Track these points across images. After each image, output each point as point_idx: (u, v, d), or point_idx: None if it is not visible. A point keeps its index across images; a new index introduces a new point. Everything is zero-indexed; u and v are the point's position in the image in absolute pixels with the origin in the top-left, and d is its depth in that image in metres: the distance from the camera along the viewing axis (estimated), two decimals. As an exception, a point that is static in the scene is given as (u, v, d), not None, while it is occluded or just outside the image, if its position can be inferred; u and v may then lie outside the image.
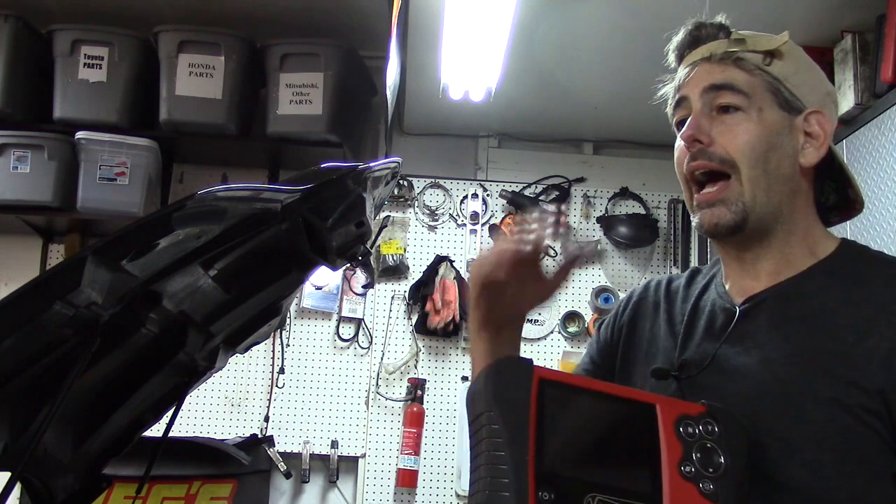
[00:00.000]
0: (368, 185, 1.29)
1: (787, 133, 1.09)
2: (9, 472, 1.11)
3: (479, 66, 2.83)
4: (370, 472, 3.31)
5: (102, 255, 1.03)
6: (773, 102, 1.09)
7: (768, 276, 1.10)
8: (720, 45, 1.11)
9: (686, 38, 1.15)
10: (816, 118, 1.10)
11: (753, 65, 1.09)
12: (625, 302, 1.28)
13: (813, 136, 1.10)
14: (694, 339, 1.12)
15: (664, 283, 1.25)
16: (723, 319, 1.10)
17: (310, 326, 3.40)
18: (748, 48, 1.10)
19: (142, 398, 1.39)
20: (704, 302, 1.16)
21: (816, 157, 1.10)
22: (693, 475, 0.89)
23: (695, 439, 0.91)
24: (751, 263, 1.12)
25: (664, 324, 1.19)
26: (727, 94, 1.08)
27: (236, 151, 3.31)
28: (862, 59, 2.51)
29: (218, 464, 3.08)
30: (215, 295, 1.27)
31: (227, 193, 1.12)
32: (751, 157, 1.06)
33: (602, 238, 3.52)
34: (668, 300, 1.21)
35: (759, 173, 1.06)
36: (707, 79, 1.10)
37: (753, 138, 1.07)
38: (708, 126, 1.08)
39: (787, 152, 1.09)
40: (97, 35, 2.99)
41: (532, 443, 0.85)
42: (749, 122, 1.07)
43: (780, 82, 1.09)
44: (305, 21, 3.06)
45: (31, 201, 2.98)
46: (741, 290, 1.12)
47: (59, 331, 1.05)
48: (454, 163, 3.61)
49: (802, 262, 1.10)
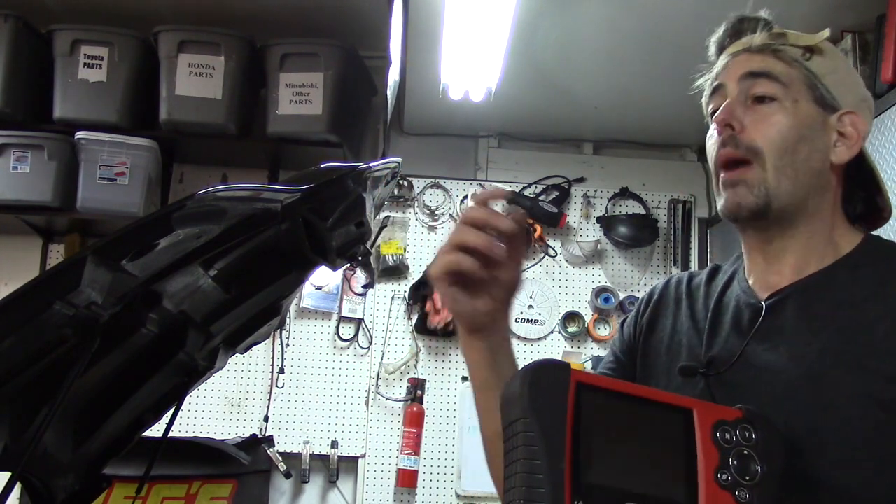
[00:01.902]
0: (368, 185, 1.29)
1: (820, 129, 1.09)
2: (9, 472, 1.11)
3: (479, 66, 2.83)
4: (370, 472, 3.31)
5: (102, 255, 1.03)
6: (809, 97, 1.08)
7: (792, 271, 1.09)
8: (762, 38, 1.11)
9: (728, 31, 1.15)
10: (851, 119, 1.10)
11: (792, 57, 1.09)
12: (646, 299, 1.27)
13: (846, 136, 1.10)
14: (720, 335, 1.11)
15: (685, 279, 1.24)
16: (749, 315, 1.09)
17: (310, 326, 3.40)
18: (789, 42, 1.10)
19: (142, 398, 1.39)
20: (728, 298, 1.15)
21: (848, 156, 1.10)
22: (730, 483, 0.88)
23: (732, 446, 0.90)
24: (775, 256, 1.11)
25: (687, 320, 1.17)
26: (764, 82, 1.08)
27: (236, 151, 3.30)
28: (862, 59, 2.51)
29: (218, 464, 3.08)
30: (215, 295, 1.27)
31: (227, 193, 1.12)
32: (780, 146, 1.06)
33: (602, 238, 3.52)
34: (689, 296, 1.20)
35: (786, 163, 1.06)
36: (745, 66, 1.10)
37: (785, 128, 1.06)
38: (741, 113, 1.08)
39: (818, 146, 1.08)
40: (97, 35, 2.99)
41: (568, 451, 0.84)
42: (783, 112, 1.07)
43: (818, 78, 1.09)
44: (305, 21, 3.06)
45: (31, 201, 2.98)
46: (765, 284, 1.11)
47: (59, 331, 1.05)
48: (454, 163, 3.61)
49: (827, 258, 1.09)
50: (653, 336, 1.21)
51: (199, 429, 3.26)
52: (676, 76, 1.25)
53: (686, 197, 3.58)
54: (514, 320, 3.43)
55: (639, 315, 1.26)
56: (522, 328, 3.43)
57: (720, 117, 1.08)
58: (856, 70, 1.16)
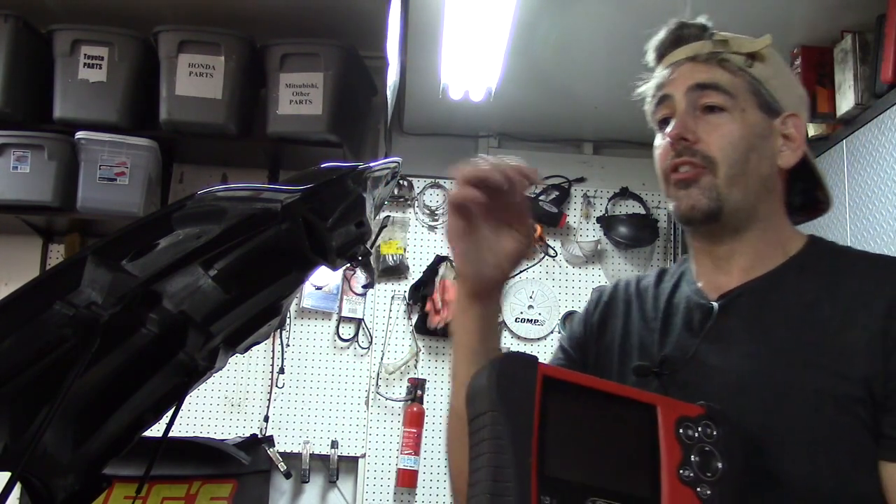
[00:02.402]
0: (368, 185, 1.29)
1: (767, 135, 1.11)
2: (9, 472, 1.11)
3: (479, 66, 2.83)
4: (370, 472, 3.31)
5: (102, 255, 1.03)
6: (754, 104, 1.10)
7: (741, 273, 1.11)
8: (704, 46, 1.12)
9: (668, 37, 1.16)
10: (793, 121, 1.13)
11: (737, 66, 1.10)
12: (595, 300, 1.30)
13: (790, 139, 1.12)
14: (672, 335, 1.13)
15: (633, 281, 1.27)
16: (700, 315, 1.11)
17: (310, 326, 3.40)
18: (731, 49, 1.11)
19: (142, 398, 1.39)
20: (678, 299, 1.16)
21: (794, 159, 1.13)
22: (691, 480, 0.89)
23: (694, 442, 0.91)
24: (724, 259, 1.13)
25: (639, 321, 1.19)
26: (712, 93, 1.09)
27: (236, 151, 3.31)
28: (862, 59, 2.51)
29: (218, 464, 3.08)
30: (215, 295, 1.27)
31: (227, 193, 1.12)
32: (732, 156, 1.08)
33: (602, 238, 3.52)
34: (639, 298, 1.22)
35: (737, 172, 1.08)
36: (692, 78, 1.11)
37: (736, 139, 1.08)
38: (693, 125, 1.09)
39: (766, 153, 1.11)
40: (97, 35, 2.99)
41: (535, 446, 0.84)
42: (733, 122, 1.09)
43: (761, 84, 1.11)
44: (305, 21, 3.06)
45: (31, 201, 2.98)
46: (714, 286, 1.13)
47: (59, 331, 1.05)
48: (454, 163, 3.59)
49: (775, 260, 1.11)
50: (604, 337, 1.23)
51: (199, 429, 3.26)
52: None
53: (686, 197, 3.57)
54: (514, 320, 3.43)
55: (588, 315, 1.28)
56: (522, 328, 3.43)
57: (674, 132, 1.10)
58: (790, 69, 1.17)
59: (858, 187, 2.47)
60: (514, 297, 3.45)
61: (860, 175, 2.47)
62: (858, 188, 2.47)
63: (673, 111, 1.12)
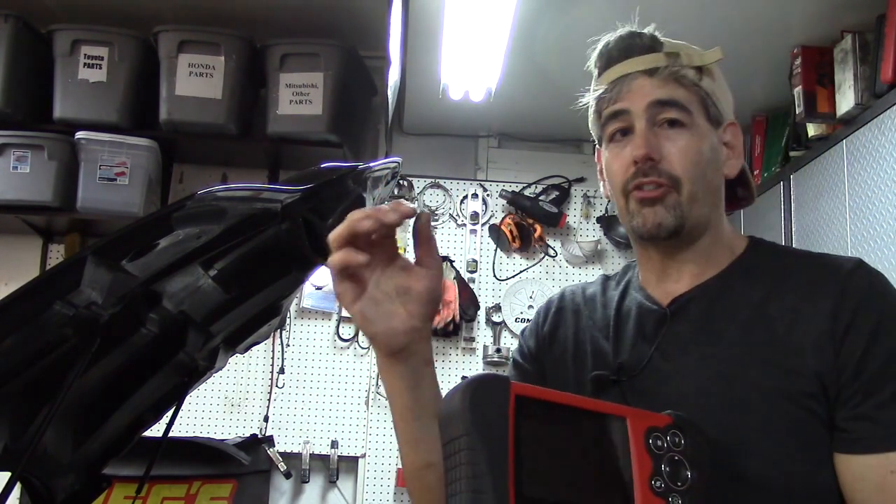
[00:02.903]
0: (368, 185, 1.29)
1: (717, 147, 1.12)
2: (9, 472, 1.11)
3: (479, 66, 2.83)
4: (370, 472, 3.31)
5: (102, 255, 1.03)
6: (704, 117, 1.11)
7: (691, 278, 1.12)
8: (659, 59, 1.11)
9: (618, 47, 1.15)
10: (732, 130, 1.14)
11: (691, 81, 1.11)
12: (544, 311, 1.29)
13: (731, 147, 1.14)
14: (625, 343, 1.13)
15: (579, 290, 1.27)
16: (652, 321, 1.12)
17: (310, 326, 3.40)
18: (684, 63, 1.11)
19: (142, 398, 1.39)
20: (628, 306, 1.17)
21: (738, 167, 1.15)
22: (663, 490, 0.89)
23: (663, 452, 0.91)
24: (675, 268, 1.14)
25: (589, 329, 1.19)
26: (673, 110, 1.09)
27: (236, 151, 3.30)
28: (862, 59, 2.51)
29: (218, 464, 3.08)
30: (215, 295, 1.27)
31: (227, 193, 1.12)
32: (694, 173, 1.08)
33: (602, 238, 3.52)
34: (587, 306, 1.23)
35: (698, 188, 1.09)
36: (652, 94, 1.10)
37: (696, 155, 1.09)
38: (657, 142, 1.09)
39: (716, 165, 1.12)
40: (97, 35, 2.99)
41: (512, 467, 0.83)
42: (692, 138, 1.09)
43: (709, 97, 1.11)
44: (305, 21, 3.06)
45: (31, 201, 2.98)
46: (664, 292, 1.14)
47: (59, 331, 1.05)
48: (454, 163, 3.62)
49: (723, 261, 1.13)
50: (554, 346, 1.22)
51: (199, 429, 3.26)
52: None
53: (686, 197, 3.58)
54: (514, 320, 3.43)
55: (538, 327, 1.28)
56: (522, 328, 3.43)
57: (641, 152, 1.08)
58: None
59: (858, 187, 2.47)
60: (514, 297, 3.45)
61: (860, 175, 2.47)
62: (858, 188, 2.47)
63: (629, 125, 1.11)
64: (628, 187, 1.10)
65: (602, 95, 1.14)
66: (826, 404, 1.00)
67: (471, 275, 3.44)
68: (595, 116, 1.17)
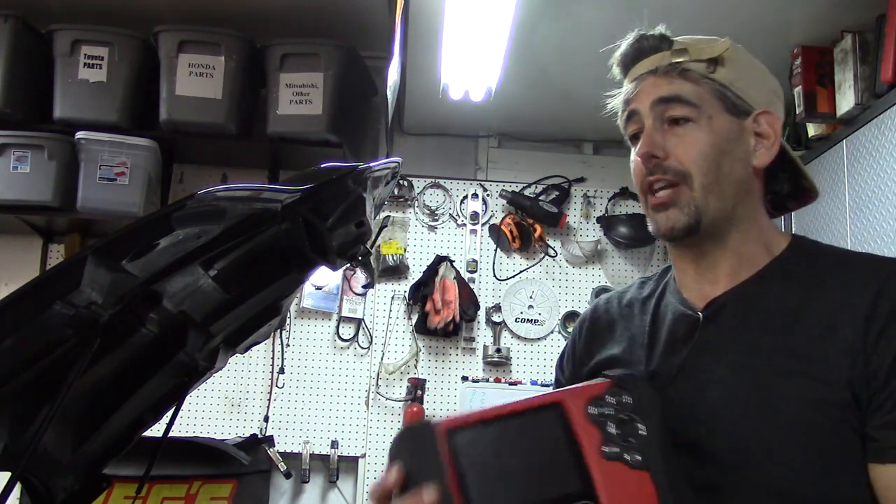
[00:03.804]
0: (368, 185, 1.29)
1: (738, 137, 1.10)
2: (9, 472, 1.11)
3: (479, 66, 2.83)
4: (370, 472, 3.31)
5: (102, 255, 1.03)
6: (721, 109, 1.10)
7: (727, 278, 1.11)
8: (663, 58, 1.11)
9: (629, 51, 1.16)
10: (766, 118, 1.12)
11: (699, 74, 1.10)
12: (577, 331, 1.29)
13: (763, 136, 1.12)
14: (658, 349, 1.12)
15: (615, 300, 1.26)
16: (685, 327, 1.10)
17: (310, 326, 3.40)
18: (692, 58, 1.10)
19: (142, 398, 1.39)
20: (663, 311, 1.16)
21: (769, 158, 1.12)
22: (616, 453, 0.88)
23: (607, 416, 0.90)
24: (708, 268, 1.12)
25: (625, 340, 1.18)
26: (676, 106, 1.09)
27: (236, 151, 3.31)
28: (862, 59, 2.51)
29: (218, 464, 3.08)
30: (215, 295, 1.27)
31: (227, 193, 1.13)
32: (703, 165, 1.07)
33: (602, 238, 3.52)
34: (622, 316, 1.22)
35: (711, 180, 1.08)
36: (655, 92, 1.10)
37: (705, 147, 1.08)
38: (661, 140, 1.09)
39: (738, 156, 1.10)
40: (97, 35, 2.99)
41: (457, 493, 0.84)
42: (700, 131, 1.08)
43: (726, 88, 1.10)
44: (305, 21, 3.06)
45: (31, 201, 2.98)
46: (700, 295, 1.12)
47: (59, 331, 1.05)
48: (454, 163, 3.62)
49: (759, 261, 1.11)
50: (591, 363, 1.22)
51: (199, 429, 3.26)
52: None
53: (686, 197, 3.58)
54: (514, 320, 3.43)
55: (574, 348, 1.27)
56: (522, 328, 3.43)
57: (643, 151, 1.09)
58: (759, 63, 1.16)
59: (858, 187, 2.47)
60: (514, 297, 3.45)
61: (860, 175, 2.47)
62: (858, 188, 2.47)
63: (641, 126, 1.12)
64: (644, 187, 1.11)
65: (621, 99, 1.16)
66: (858, 413, 0.97)
67: (471, 275, 3.44)
68: (620, 122, 1.18)
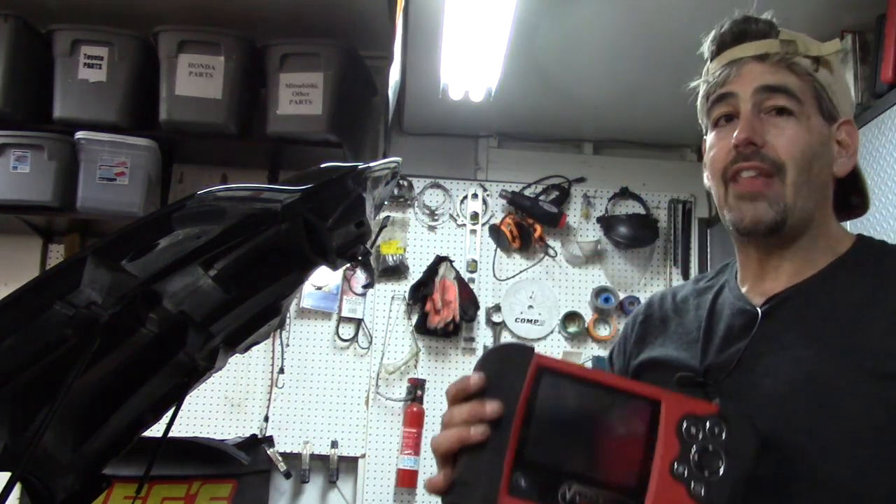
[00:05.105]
0: (368, 185, 1.29)
1: (827, 142, 1.09)
2: (9, 472, 1.11)
3: (479, 66, 2.83)
4: (370, 472, 3.31)
5: (102, 255, 1.03)
6: (817, 110, 1.08)
7: (788, 277, 1.09)
8: (772, 45, 1.08)
9: (732, 31, 1.12)
10: (847, 128, 1.10)
11: (805, 70, 1.08)
12: (630, 324, 1.26)
13: (844, 146, 1.10)
14: (714, 344, 1.10)
15: (669, 296, 1.24)
16: (743, 322, 1.08)
17: (310, 326, 3.40)
18: (799, 51, 1.08)
19: (142, 398, 1.39)
20: (721, 306, 1.14)
21: (849, 167, 1.10)
22: (685, 475, 0.87)
23: (695, 440, 0.89)
24: (773, 266, 1.10)
25: (679, 336, 1.17)
26: (781, 97, 1.06)
27: (236, 151, 3.30)
28: (862, 59, 2.51)
29: (218, 464, 3.08)
30: (215, 295, 1.27)
31: (226, 193, 1.13)
32: (800, 162, 1.05)
33: (602, 238, 3.52)
34: (677, 312, 1.20)
35: (803, 180, 1.05)
36: (761, 79, 1.07)
37: (804, 144, 1.05)
38: (761, 128, 1.06)
39: (826, 161, 1.08)
40: (97, 35, 2.99)
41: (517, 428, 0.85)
42: (800, 127, 1.06)
43: (824, 90, 1.08)
44: (305, 21, 3.06)
45: (31, 201, 2.98)
46: (760, 291, 1.10)
47: (59, 331, 1.05)
48: (454, 163, 3.61)
49: (823, 261, 1.09)
50: (642, 356, 1.20)
51: (199, 429, 3.26)
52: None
53: (686, 197, 3.58)
54: (514, 320, 3.43)
55: (627, 341, 1.25)
56: (522, 328, 3.43)
57: (742, 136, 1.05)
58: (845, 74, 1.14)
59: (858, 187, 2.47)
60: (513, 298, 3.45)
61: (860, 175, 2.47)
62: (858, 188, 2.47)
63: (735, 109, 1.08)
64: (727, 174, 1.07)
65: (711, 79, 1.11)
66: None
67: (471, 275, 3.44)
68: (703, 101, 1.14)
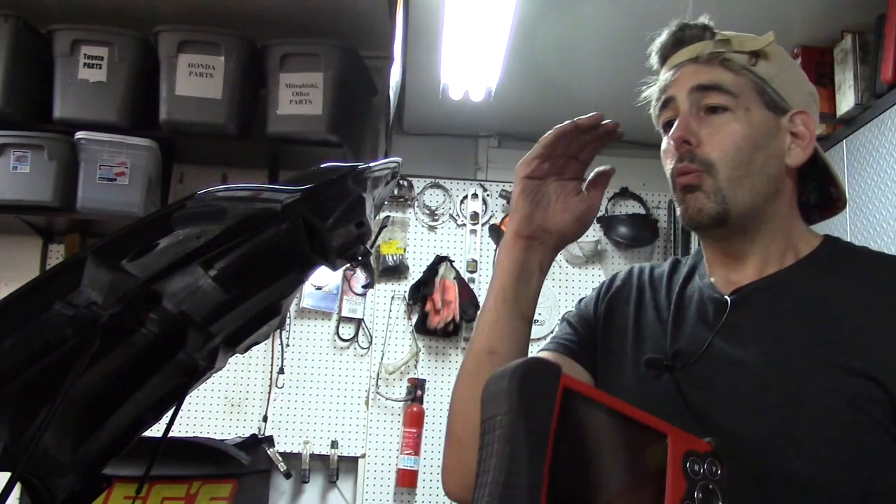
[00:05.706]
0: (368, 185, 1.29)
1: (773, 133, 1.10)
2: (9, 472, 1.11)
3: (479, 66, 2.83)
4: (370, 472, 3.31)
5: (102, 255, 1.03)
6: (759, 103, 1.09)
7: (755, 271, 1.11)
8: (706, 46, 1.11)
9: (670, 39, 1.15)
10: (802, 118, 1.11)
11: (740, 65, 1.09)
12: (607, 284, 1.27)
13: (799, 137, 1.11)
14: (684, 328, 1.11)
15: (647, 270, 1.25)
16: (713, 309, 1.10)
17: (310, 326, 3.40)
18: (734, 48, 1.10)
19: (142, 398, 1.39)
20: (691, 291, 1.15)
21: (803, 158, 1.11)
22: None
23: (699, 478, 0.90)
24: (736, 259, 1.12)
25: (651, 311, 1.18)
26: (715, 94, 1.08)
27: (236, 151, 3.31)
28: (862, 59, 2.51)
29: (218, 464, 3.08)
30: (215, 295, 1.27)
31: (227, 193, 1.12)
32: (735, 157, 1.07)
33: (602, 238, 3.52)
34: (652, 287, 1.21)
35: (741, 173, 1.07)
36: (694, 79, 1.10)
37: (739, 139, 1.07)
38: (696, 127, 1.09)
39: (773, 152, 1.09)
40: (97, 35, 2.99)
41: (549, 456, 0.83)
42: (736, 122, 1.08)
43: (766, 82, 1.10)
44: (305, 21, 3.06)
45: (31, 201, 2.98)
46: (728, 282, 1.12)
47: (59, 331, 1.05)
48: (454, 163, 3.62)
49: (788, 259, 1.11)
50: (613, 322, 1.21)
51: (199, 429, 3.26)
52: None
53: (686, 197, 3.58)
54: (514, 320, 3.42)
55: (599, 298, 1.26)
56: (522, 328, 3.43)
57: (676, 135, 1.09)
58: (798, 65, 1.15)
59: (858, 187, 2.47)
60: (514, 297, 3.45)
61: (860, 175, 2.47)
62: (858, 188, 2.47)
63: (676, 113, 1.11)
64: (675, 174, 1.10)
65: (658, 87, 1.15)
66: (890, 411, 0.96)
67: (471, 275, 3.44)
68: (653, 109, 1.17)
